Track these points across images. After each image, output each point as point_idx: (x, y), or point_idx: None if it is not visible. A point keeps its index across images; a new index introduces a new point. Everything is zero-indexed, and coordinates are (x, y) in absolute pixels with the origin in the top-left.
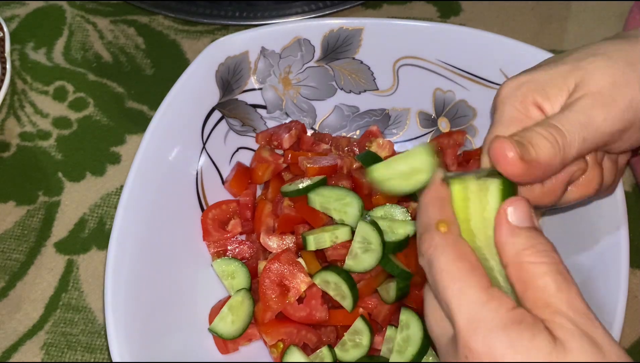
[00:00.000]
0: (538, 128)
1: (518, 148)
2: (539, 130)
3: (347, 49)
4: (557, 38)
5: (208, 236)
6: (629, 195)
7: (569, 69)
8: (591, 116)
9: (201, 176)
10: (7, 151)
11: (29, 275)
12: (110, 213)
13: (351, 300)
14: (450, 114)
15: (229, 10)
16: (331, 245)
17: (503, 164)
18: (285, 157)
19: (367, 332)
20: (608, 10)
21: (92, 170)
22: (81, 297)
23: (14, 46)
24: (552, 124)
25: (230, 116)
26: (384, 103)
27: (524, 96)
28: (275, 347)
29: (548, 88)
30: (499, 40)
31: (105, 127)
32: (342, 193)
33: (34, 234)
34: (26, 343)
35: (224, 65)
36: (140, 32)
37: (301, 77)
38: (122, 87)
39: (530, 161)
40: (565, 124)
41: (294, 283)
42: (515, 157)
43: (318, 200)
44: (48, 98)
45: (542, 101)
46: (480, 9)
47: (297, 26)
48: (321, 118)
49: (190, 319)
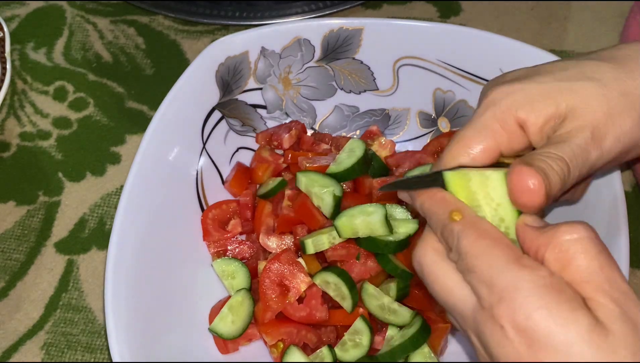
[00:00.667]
0: (552, 163)
1: (545, 181)
2: (554, 166)
3: (347, 49)
4: (557, 38)
5: (208, 236)
6: (629, 195)
7: (562, 88)
8: (589, 154)
9: (201, 176)
10: (7, 151)
11: (29, 275)
12: (110, 213)
13: (351, 301)
14: (450, 114)
15: (229, 10)
16: (330, 246)
17: (524, 194)
18: (285, 157)
19: (367, 332)
20: (608, 10)
21: (92, 170)
22: (81, 297)
23: (14, 46)
24: (563, 158)
25: (230, 116)
26: (384, 103)
27: (508, 107)
28: (275, 347)
29: (536, 103)
30: (499, 40)
31: (105, 127)
32: (327, 182)
33: (34, 234)
34: (26, 343)
35: (224, 65)
36: (140, 32)
37: (301, 77)
38: (122, 87)
39: (549, 196)
40: (572, 160)
41: (294, 283)
42: (542, 191)
43: (304, 181)
44: (48, 98)
45: (525, 115)
46: (480, 9)
47: (297, 26)
48: (321, 118)
49: (190, 319)
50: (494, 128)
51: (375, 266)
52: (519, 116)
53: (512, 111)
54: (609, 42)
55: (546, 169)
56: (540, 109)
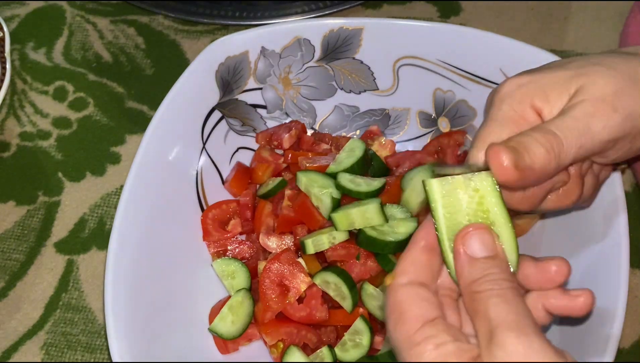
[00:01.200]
0: (535, 134)
1: (513, 155)
2: (536, 136)
3: (347, 49)
4: (557, 38)
5: (208, 236)
6: (629, 195)
7: (571, 74)
8: (590, 123)
9: (201, 176)
10: (7, 151)
11: (29, 275)
12: (110, 213)
13: (351, 301)
14: (450, 114)
15: (229, 10)
16: (330, 246)
17: (498, 171)
18: (285, 157)
19: (367, 332)
20: (608, 10)
21: (92, 170)
22: (81, 297)
23: (14, 46)
24: (550, 130)
25: (230, 116)
26: (384, 103)
27: (523, 97)
28: (275, 347)
29: (549, 91)
30: (499, 40)
31: (105, 127)
32: (327, 182)
33: (34, 234)
34: (26, 343)
35: (224, 65)
36: (140, 32)
37: (301, 77)
38: (122, 87)
39: (524, 168)
40: (563, 130)
41: (294, 283)
42: (510, 164)
43: (304, 181)
44: (48, 98)
45: (541, 104)
46: (480, 9)
47: (297, 26)
48: (321, 118)
49: (190, 319)
50: (514, 118)
51: (375, 266)
52: (535, 104)
53: (527, 100)
54: (609, 42)
55: (527, 142)
56: (555, 96)
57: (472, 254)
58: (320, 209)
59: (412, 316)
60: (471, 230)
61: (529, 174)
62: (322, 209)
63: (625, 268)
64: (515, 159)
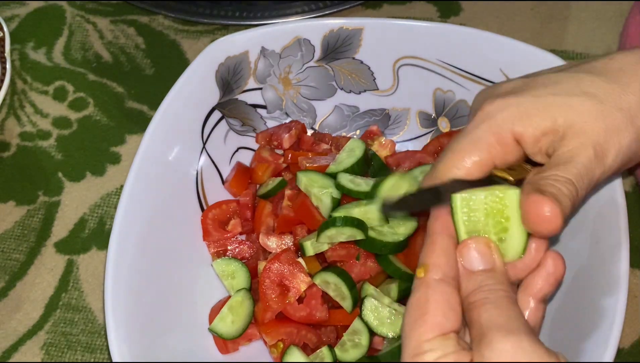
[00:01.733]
0: (562, 187)
1: (560, 209)
2: (564, 189)
3: (347, 49)
4: (557, 38)
5: (208, 236)
6: (629, 195)
7: (558, 103)
8: (594, 172)
9: (201, 176)
10: (7, 151)
11: (29, 275)
12: (110, 213)
13: (351, 301)
14: (450, 114)
15: (229, 10)
16: (329, 247)
17: (545, 224)
18: (285, 157)
19: (366, 332)
20: (608, 10)
21: (92, 170)
22: (81, 297)
23: (14, 46)
24: (570, 180)
25: (230, 116)
26: (384, 103)
27: (504, 121)
28: (275, 347)
29: (533, 117)
30: (499, 40)
31: (105, 127)
32: (327, 183)
33: (34, 234)
34: (26, 343)
35: (224, 65)
36: (140, 32)
37: (301, 77)
38: (122, 87)
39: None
40: (579, 180)
41: (294, 283)
42: (560, 219)
43: (304, 181)
44: (48, 98)
45: (522, 129)
46: (480, 9)
47: (297, 26)
48: (321, 118)
49: (190, 319)
50: (489, 141)
51: (375, 266)
52: (516, 130)
53: (508, 125)
54: (609, 42)
55: (557, 194)
56: (537, 123)
57: (469, 267)
58: (320, 209)
59: (432, 322)
60: (470, 243)
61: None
62: (322, 209)
63: (625, 268)
64: (562, 212)
